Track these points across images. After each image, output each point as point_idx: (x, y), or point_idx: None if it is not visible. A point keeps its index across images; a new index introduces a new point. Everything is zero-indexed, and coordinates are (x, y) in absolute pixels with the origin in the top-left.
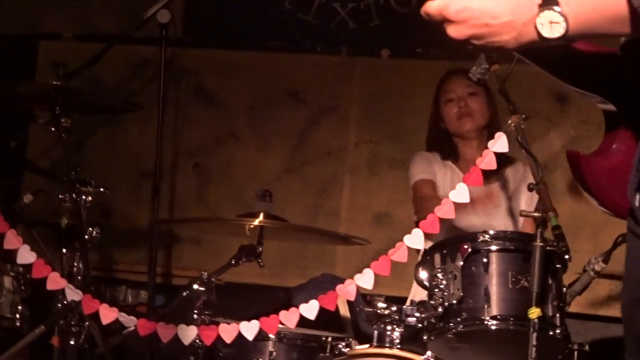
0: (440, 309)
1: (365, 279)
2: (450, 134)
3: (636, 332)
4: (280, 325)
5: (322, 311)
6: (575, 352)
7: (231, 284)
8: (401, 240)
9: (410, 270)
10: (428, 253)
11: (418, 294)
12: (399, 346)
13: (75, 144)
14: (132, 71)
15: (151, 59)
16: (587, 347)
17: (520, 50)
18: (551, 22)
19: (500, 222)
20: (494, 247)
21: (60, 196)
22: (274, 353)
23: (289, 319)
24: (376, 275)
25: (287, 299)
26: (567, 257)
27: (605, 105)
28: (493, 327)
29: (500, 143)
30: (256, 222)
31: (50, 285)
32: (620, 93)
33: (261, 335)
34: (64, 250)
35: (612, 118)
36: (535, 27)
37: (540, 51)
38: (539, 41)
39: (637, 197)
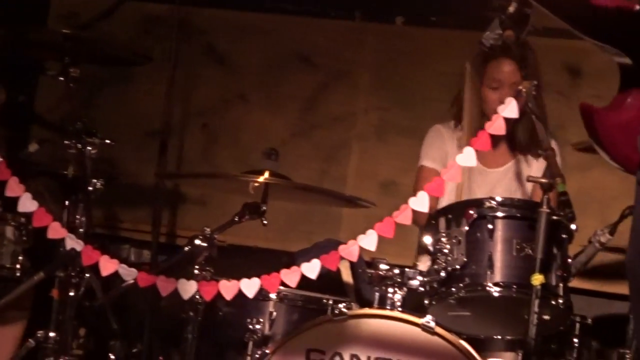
0: (443, 274)
1: (369, 240)
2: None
3: (638, 284)
4: (281, 287)
5: (324, 277)
6: (577, 325)
7: (234, 246)
8: None
9: (414, 240)
10: (433, 217)
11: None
12: (399, 308)
13: (84, 99)
14: (143, 28)
15: (163, 17)
16: (589, 321)
17: None
18: None
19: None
20: (500, 214)
21: (66, 142)
22: (274, 313)
23: (290, 277)
24: (380, 241)
25: (290, 263)
26: (573, 226)
27: (622, 58)
28: (495, 294)
29: (510, 108)
30: (261, 179)
31: (51, 234)
32: (637, 47)
33: (262, 295)
34: (67, 203)
35: (628, 72)
36: None
37: (559, 2)
38: None
39: None
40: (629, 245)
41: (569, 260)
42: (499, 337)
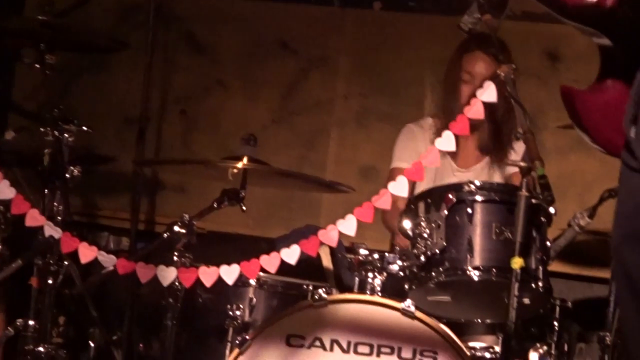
0: (422, 258)
1: (348, 225)
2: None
3: (625, 268)
4: (261, 273)
5: (304, 263)
6: (557, 308)
7: (214, 233)
8: None
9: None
10: (412, 202)
11: None
12: (379, 293)
13: (62, 87)
14: (121, 15)
15: (141, 4)
16: (569, 304)
17: None
18: None
19: None
20: (479, 198)
21: (42, 129)
22: (254, 300)
23: (269, 263)
24: (359, 227)
25: (270, 249)
26: (552, 209)
27: (601, 39)
28: (475, 278)
29: (488, 92)
30: (239, 165)
31: (30, 222)
32: (616, 28)
33: (241, 281)
34: (45, 191)
35: (608, 54)
36: None
37: None
38: None
39: (633, 128)
40: (614, 228)
41: (548, 243)
42: (479, 320)
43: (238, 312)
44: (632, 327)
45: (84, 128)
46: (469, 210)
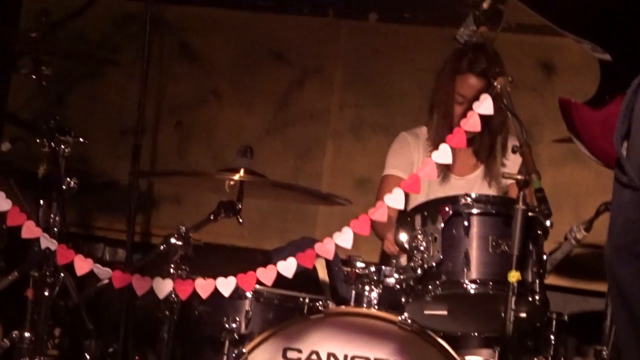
0: (419, 271)
1: (344, 238)
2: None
3: (617, 281)
4: (257, 286)
5: (300, 275)
6: (554, 322)
7: (210, 245)
8: None
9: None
10: (409, 215)
11: None
12: (376, 306)
13: (57, 97)
14: (116, 26)
15: (135, 15)
16: (565, 318)
17: None
18: None
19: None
20: (475, 211)
21: (37, 140)
22: (250, 312)
23: (266, 276)
24: (355, 238)
25: (266, 261)
26: (548, 222)
27: (601, 54)
28: (472, 291)
29: (485, 105)
30: (236, 177)
31: (26, 234)
32: (615, 42)
33: (238, 294)
34: (41, 202)
35: (608, 68)
36: None
37: None
38: None
39: (624, 144)
40: (607, 242)
41: (545, 256)
42: (476, 334)
43: (234, 325)
44: (625, 339)
45: (80, 139)
46: (466, 223)
